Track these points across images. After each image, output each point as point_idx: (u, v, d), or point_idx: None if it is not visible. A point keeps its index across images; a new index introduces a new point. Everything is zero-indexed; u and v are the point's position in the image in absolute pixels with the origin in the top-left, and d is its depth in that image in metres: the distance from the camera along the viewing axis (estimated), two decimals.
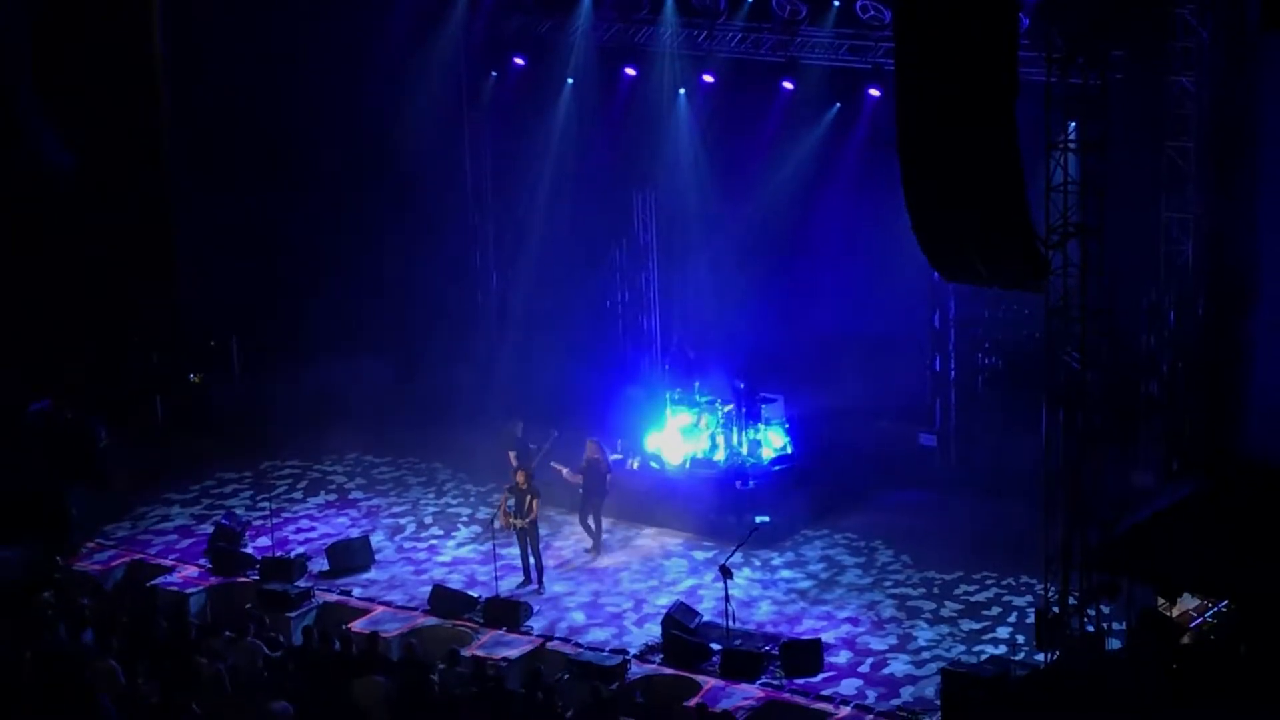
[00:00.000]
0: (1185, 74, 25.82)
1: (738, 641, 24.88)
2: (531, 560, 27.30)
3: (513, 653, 24.89)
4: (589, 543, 28.58)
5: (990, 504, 28.31)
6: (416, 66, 32.83)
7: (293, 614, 26.22)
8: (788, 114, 30.38)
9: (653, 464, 30.24)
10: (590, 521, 28.66)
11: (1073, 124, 22.33)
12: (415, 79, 32.80)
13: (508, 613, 25.99)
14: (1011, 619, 25.74)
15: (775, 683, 24.11)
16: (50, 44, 32.01)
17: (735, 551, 26.35)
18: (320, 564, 28.04)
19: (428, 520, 29.91)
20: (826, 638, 25.16)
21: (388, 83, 32.70)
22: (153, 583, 27.69)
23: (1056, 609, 22.95)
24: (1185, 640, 21.86)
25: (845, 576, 27.44)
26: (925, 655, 24.83)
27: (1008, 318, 29.27)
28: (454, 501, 30.59)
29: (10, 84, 31.89)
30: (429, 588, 26.89)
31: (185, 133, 33.15)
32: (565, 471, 28.69)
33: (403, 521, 29.90)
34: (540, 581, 27.21)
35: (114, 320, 32.61)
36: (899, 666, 24.59)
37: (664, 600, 26.47)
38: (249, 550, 28.42)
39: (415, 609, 26.60)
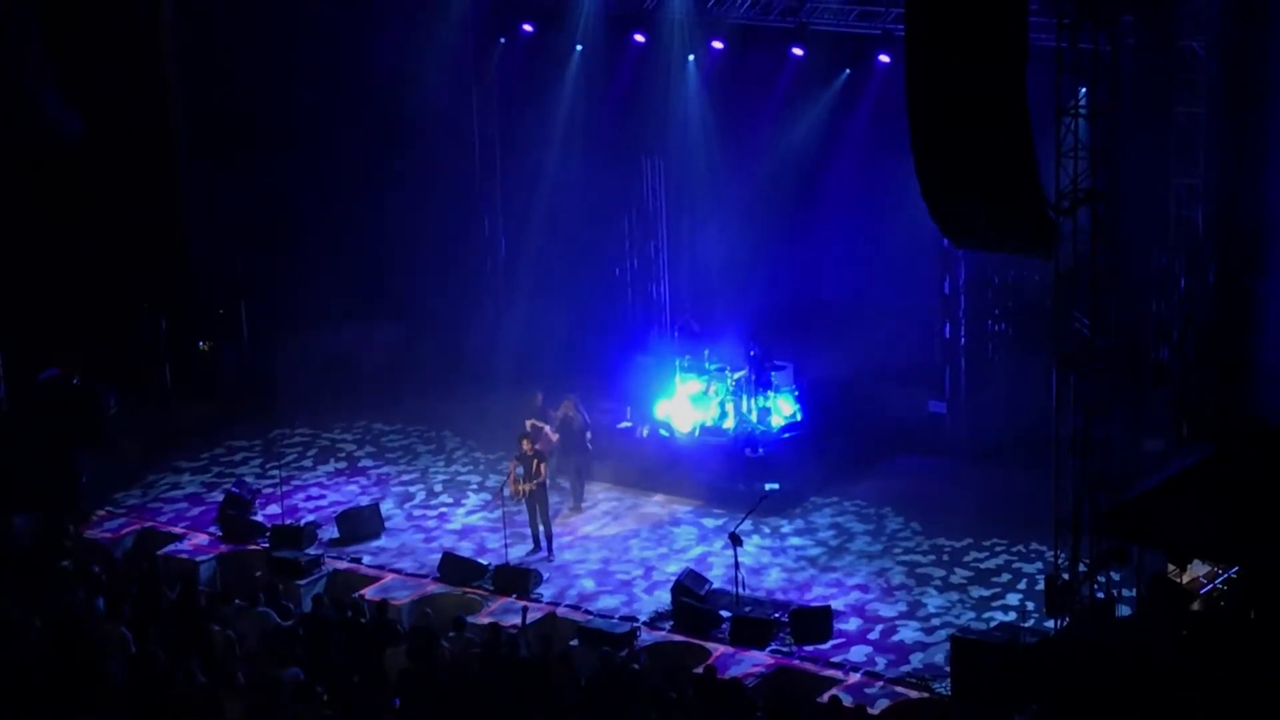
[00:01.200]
0: (1195, 38, 25.76)
1: (747, 608, 24.90)
2: (540, 528, 27.30)
3: (521, 620, 24.88)
4: (599, 506, 28.63)
5: (1000, 470, 28.33)
6: (425, 32, 32.72)
7: (303, 581, 26.26)
8: (797, 80, 30.29)
9: (662, 431, 30.25)
10: (571, 480, 28.81)
11: (1083, 89, 22.26)
12: (423, 45, 32.68)
13: (517, 580, 26.01)
14: (1021, 585, 25.74)
15: (785, 650, 24.13)
16: (58, 13, 31.96)
17: (745, 519, 26.35)
18: (330, 532, 28.08)
19: (437, 488, 29.93)
20: (836, 605, 25.16)
21: (396, 49, 32.58)
22: (163, 551, 27.74)
23: (1066, 575, 22.94)
24: (1195, 607, 21.84)
25: (855, 543, 27.44)
26: (935, 622, 24.83)
27: (1017, 283, 29.22)
28: (463, 469, 30.60)
29: (19, 54, 31.86)
30: (439, 555, 26.92)
31: (193, 99, 33.10)
32: (546, 429, 28.73)
33: (412, 489, 29.91)
34: (550, 549, 27.22)
35: (123, 287, 32.60)
36: (909, 633, 24.59)
37: (674, 567, 26.49)
38: (259, 518, 28.46)
39: (425, 576, 26.64)
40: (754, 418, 29.83)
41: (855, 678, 23.39)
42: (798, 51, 29.93)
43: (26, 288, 31.50)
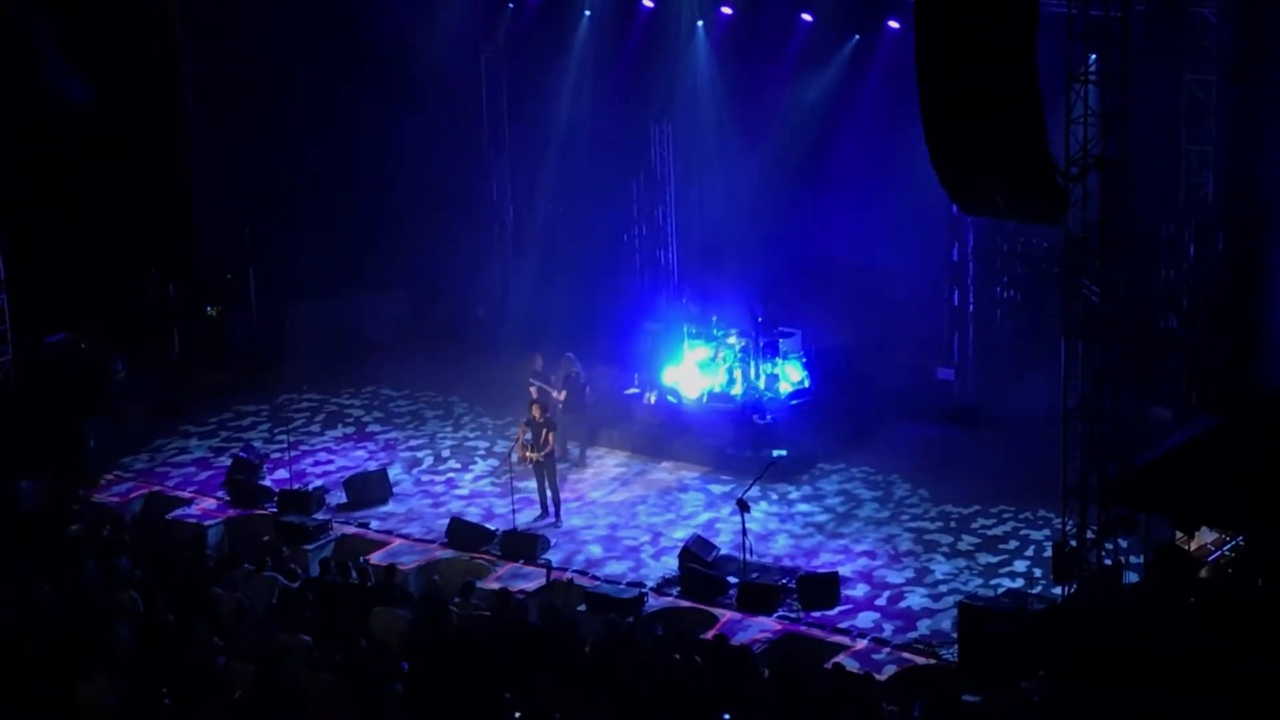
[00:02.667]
0: (1207, 5, 25.69)
1: (755, 575, 24.91)
2: (549, 493, 27.33)
3: (530, 585, 24.94)
4: (607, 472, 28.72)
5: (1008, 438, 28.31)
6: None
7: (310, 546, 26.29)
8: (806, 46, 30.26)
9: (670, 398, 30.24)
10: (580, 439, 29.10)
11: (1093, 56, 22.19)
12: (432, 10, 32.67)
13: (525, 546, 26.04)
14: (1029, 552, 25.74)
15: (792, 615, 24.16)
16: None
17: (752, 485, 26.36)
18: (338, 497, 28.11)
19: (445, 453, 29.95)
20: (843, 571, 25.17)
21: (405, 14, 32.57)
22: (171, 515, 27.79)
23: (1074, 543, 22.93)
24: (1203, 574, 21.86)
25: (862, 510, 27.45)
26: (942, 588, 24.84)
27: (1026, 251, 29.19)
28: (471, 434, 30.62)
29: (29, 22, 31.85)
30: (447, 520, 26.95)
31: (202, 66, 33.09)
32: (552, 392, 28.83)
33: (420, 454, 29.93)
34: (557, 515, 27.25)
35: (131, 253, 32.62)
36: (916, 600, 24.61)
37: (681, 534, 26.50)
38: (267, 483, 28.48)
39: (433, 542, 26.67)
40: (762, 384, 29.82)
41: (862, 644, 23.41)
42: (807, 17, 29.92)
43: (35, 253, 31.52)
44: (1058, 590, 23.25)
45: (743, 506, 25.19)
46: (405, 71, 32.79)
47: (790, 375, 30.14)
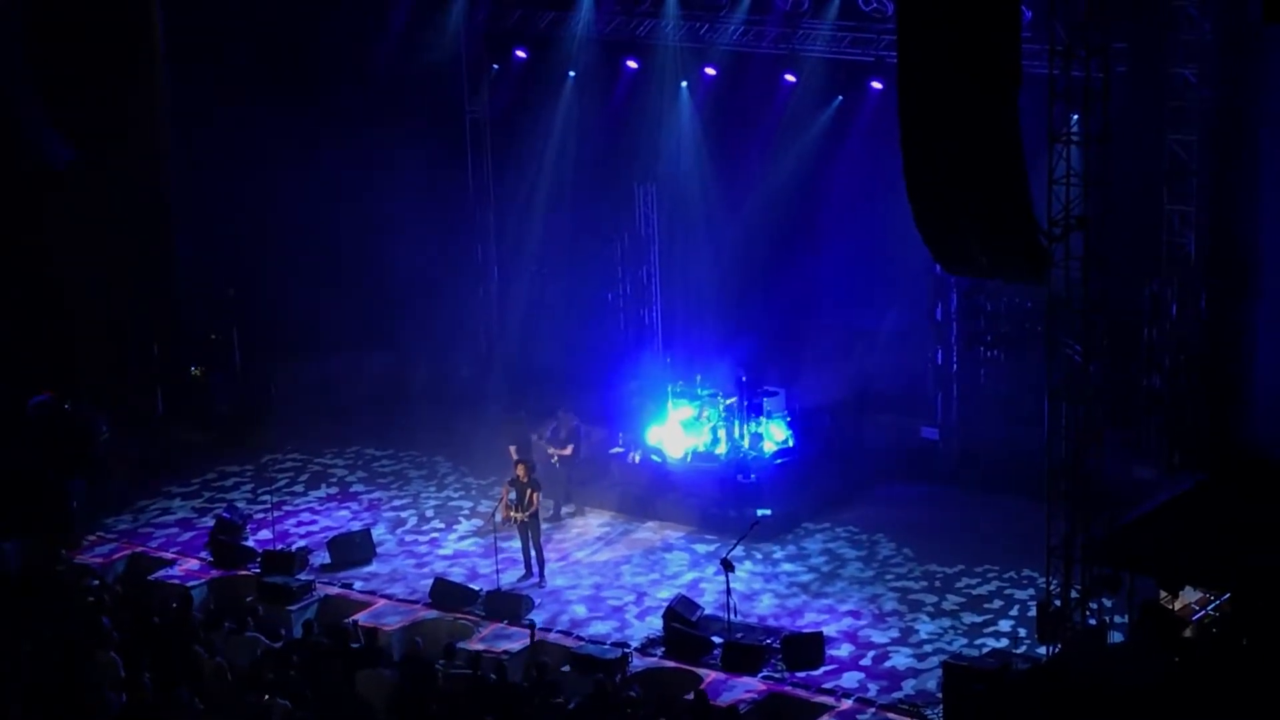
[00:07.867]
0: (1187, 66, 25.87)
1: (739, 634, 24.86)
2: (533, 553, 27.28)
3: (514, 646, 24.86)
4: (591, 532, 28.74)
5: (992, 497, 28.33)
6: (418, 59, 32.76)
7: (294, 607, 26.18)
8: (790, 107, 30.35)
9: (654, 457, 30.22)
10: (566, 490, 29.48)
11: (1075, 116, 22.30)
12: (417, 72, 32.75)
13: (509, 606, 25.98)
14: (1013, 612, 25.72)
15: (777, 676, 24.11)
16: (46, 35, 31.96)
17: (737, 545, 26.32)
18: (321, 557, 28.03)
19: (429, 513, 29.89)
20: (828, 631, 25.14)
21: (389, 75, 32.66)
22: (154, 576, 27.69)
23: (1058, 602, 22.92)
24: (1187, 633, 21.86)
25: (847, 570, 27.42)
26: (927, 648, 24.81)
27: (1010, 310, 29.24)
28: (455, 494, 30.57)
29: (8, 79, 31.87)
30: (430, 581, 26.88)
31: (185, 129, 33.11)
32: (552, 450, 28.98)
33: (404, 514, 29.87)
34: (541, 574, 27.20)
35: (115, 313, 32.59)
36: (901, 659, 24.57)
37: (665, 593, 26.45)
38: (250, 543, 28.41)
39: (417, 602, 26.59)
40: (746, 443, 29.82)
41: (847, 704, 23.37)
42: (790, 78, 30.00)
43: (17, 313, 31.48)
44: (1042, 650, 23.23)
45: (727, 566, 25.17)
46: (390, 132, 32.84)
47: (774, 434, 30.14)
